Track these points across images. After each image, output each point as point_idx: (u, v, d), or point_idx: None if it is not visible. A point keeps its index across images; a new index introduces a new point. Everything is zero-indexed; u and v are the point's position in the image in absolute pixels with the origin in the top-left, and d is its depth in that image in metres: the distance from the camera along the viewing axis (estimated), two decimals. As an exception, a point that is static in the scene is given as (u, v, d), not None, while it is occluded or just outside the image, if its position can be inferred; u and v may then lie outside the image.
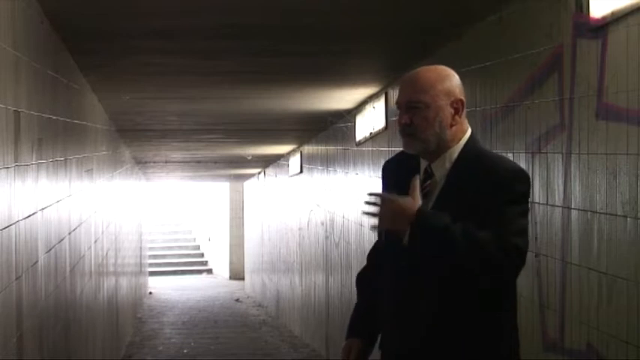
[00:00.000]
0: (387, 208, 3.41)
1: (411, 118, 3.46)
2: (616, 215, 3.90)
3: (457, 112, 3.48)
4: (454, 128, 3.48)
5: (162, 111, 11.28)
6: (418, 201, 3.40)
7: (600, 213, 4.05)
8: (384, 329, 3.63)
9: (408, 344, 3.49)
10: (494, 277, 3.33)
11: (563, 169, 4.48)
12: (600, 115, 4.06)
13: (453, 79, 3.50)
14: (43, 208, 5.23)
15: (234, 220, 30.07)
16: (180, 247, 35.20)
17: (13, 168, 4.33)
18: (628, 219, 3.78)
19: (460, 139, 3.51)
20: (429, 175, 3.53)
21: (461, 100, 3.48)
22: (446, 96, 3.46)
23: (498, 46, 5.43)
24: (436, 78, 3.49)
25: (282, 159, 18.47)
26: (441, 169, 3.50)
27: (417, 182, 3.46)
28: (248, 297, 24.92)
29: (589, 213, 4.18)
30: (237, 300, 24.08)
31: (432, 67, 3.55)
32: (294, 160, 16.60)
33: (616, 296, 3.91)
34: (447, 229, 3.30)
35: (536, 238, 4.83)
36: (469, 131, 3.53)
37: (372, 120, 9.43)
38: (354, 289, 3.88)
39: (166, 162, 19.97)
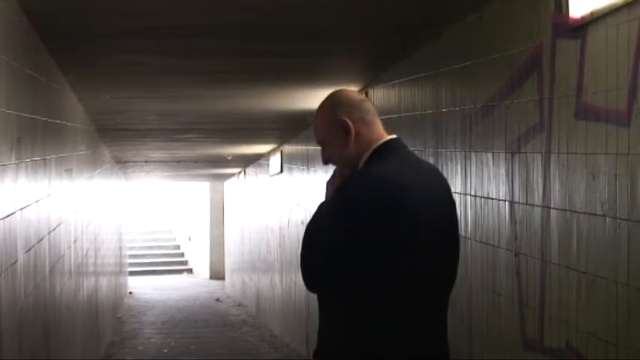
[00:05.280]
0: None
1: (323, 155, 3.69)
2: (595, 215, 3.91)
3: (347, 132, 3.53)
4: (353, 147, 3.53)
5: (143, 110, 11.26)
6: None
7: (579, 212, 4.06)
8: None
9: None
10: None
11: (543, 169, 4.49)
12: (579, 115, 4.07)
13: (331, 106, 3.58)
14: (22, 208, 5.20)
15: (214, 220, 30.04)
16: (160, 247, 35.11)
17: (-9, 168, 4.31)
18: (607, 218, 3.79)
19: (362, 156, 3.54)
20: None
21: (342, 121, 3.52)
22: (330, 126, 3.56)
23: (478, 46, 5.44)
24: (320, 117, 3.61)
25: (262, 158, 18.45)
26: None
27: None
28: (228, 296, 24.88)
29: (568, 212, 4.19)
30: (218, 299, 24.05)
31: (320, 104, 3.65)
32: (275, 160, 16.58)
33: (595, 295, 3.93)
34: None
35: (515, 237, 4.84)
36: (372, 147, 3.53)
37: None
38: None
39: (146, 161, 19.92)
